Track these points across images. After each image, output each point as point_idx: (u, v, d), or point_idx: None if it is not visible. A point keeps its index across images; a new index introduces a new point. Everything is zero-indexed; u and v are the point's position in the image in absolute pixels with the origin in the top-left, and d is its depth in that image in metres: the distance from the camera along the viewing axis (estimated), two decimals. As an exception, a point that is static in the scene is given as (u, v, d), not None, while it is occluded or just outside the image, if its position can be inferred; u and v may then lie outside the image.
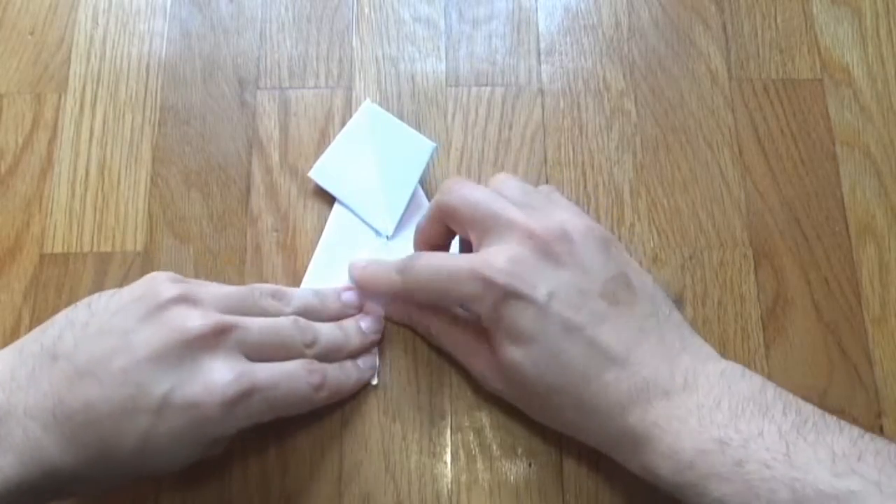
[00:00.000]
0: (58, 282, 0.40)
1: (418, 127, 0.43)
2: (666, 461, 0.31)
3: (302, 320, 0.36)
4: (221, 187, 0.42)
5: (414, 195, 0.41)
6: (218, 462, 0.37)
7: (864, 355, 0.40)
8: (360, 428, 0.38)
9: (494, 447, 0.38)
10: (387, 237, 0.40)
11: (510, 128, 0.43)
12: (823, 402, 0.38)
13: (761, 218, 0.42)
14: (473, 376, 0.38)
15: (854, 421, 0.34)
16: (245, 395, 0.31)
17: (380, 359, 0.39)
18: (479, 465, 0.37)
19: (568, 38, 0.45)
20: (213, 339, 0.32)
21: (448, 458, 0.37)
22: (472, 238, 0.35)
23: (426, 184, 0.42)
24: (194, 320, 0.31)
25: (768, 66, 0.45)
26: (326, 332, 0.37)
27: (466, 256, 0.35)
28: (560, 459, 0.37)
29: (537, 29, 0.46)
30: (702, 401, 0.31)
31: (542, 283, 0.33)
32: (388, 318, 0.39)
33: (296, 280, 0.40)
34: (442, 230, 0.37)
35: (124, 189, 0.42)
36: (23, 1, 0.45)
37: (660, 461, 0.31)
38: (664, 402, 0.32)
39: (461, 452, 0.38)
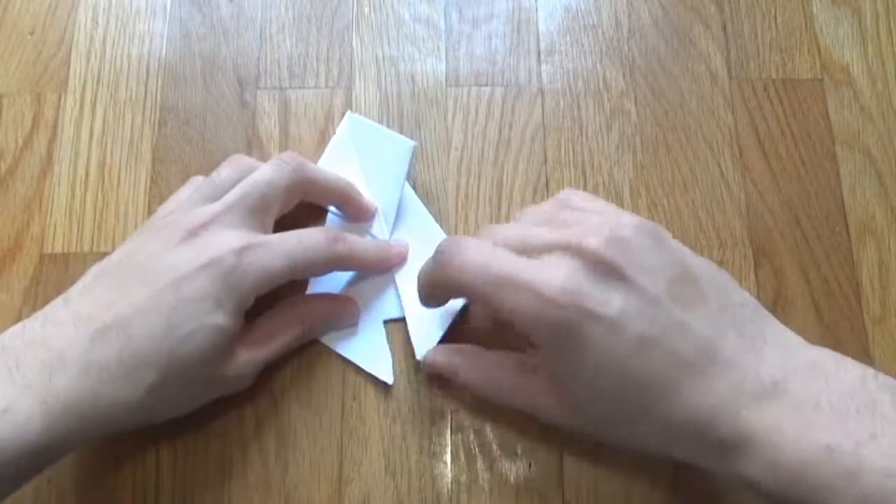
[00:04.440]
0: (58, 282, 0.40)
1: (418, 127, 0.43)
2: (767, 474, 0.28)
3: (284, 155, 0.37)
4: (221, 187, 0.42)
5: (403, 195, 0.41)
6: (218, 461, 0.37)
7: (864, 355, 0.40)
8: (360, 428, 0.38)
9: (494, 447, 0.38)
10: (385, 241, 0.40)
11: (510, 128, 0.43)
12: (823, 402, 0.38)
13: (761, 218, 0.42)
14: (535, 415, 0.35)
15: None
16: (255, 245, 0.33)
17: (380, 359, 0.39)
18: (479, 465, 0.37)
19: (568, 38, 0.45)
20: (208, 222, 0.34)
21: (448, 458, 0.37)
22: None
23: (425, 183, 0.42)
24: (184, 219, 0.34)
25: (768, 66, 0.45)
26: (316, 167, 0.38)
27: (520, 264, 0.31)
28: (560, 459, 0.37)
29: (537, 29, 0.46)
30: (798, 401, 0.28)
31: (609, 297, 0.30)
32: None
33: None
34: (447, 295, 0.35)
35: (124, 189, 0.42)
36: (23, 1, 0.45)
37: (759, 473, 0.28)
38: (755, 408, 0.29)
39: (461, 452, 0.38)
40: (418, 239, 0.40)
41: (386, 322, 0.39)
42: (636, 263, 0.30)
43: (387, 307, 0.39)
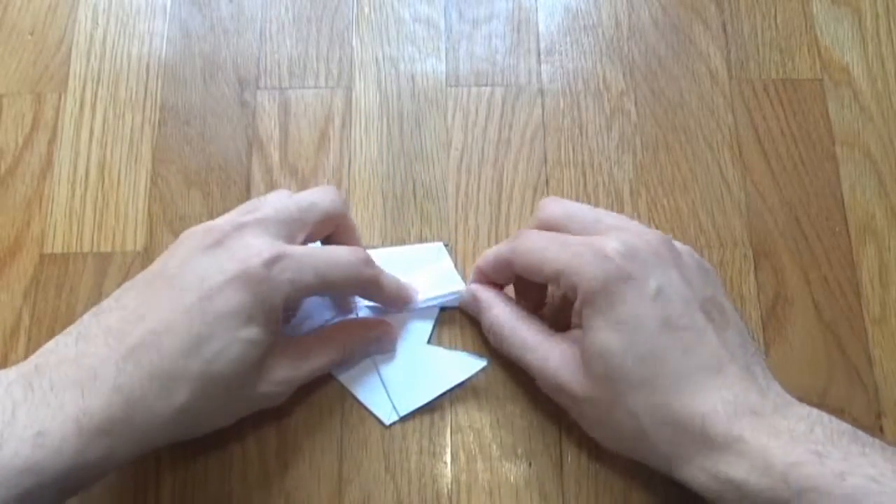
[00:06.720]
0: (58, 282, 0.40)
1: (418, 127, 0.43)
2: (753, 474, 0.29)
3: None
4: (221, 187, 0.42)
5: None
6: (218, 461, 0.37)
7: (864, 355, 0.40)
8: (360, 428, 0.38)
9: (494, 447, 0.38)
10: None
11: (510, 128, 0.43)
12: (823, 402, 0.38)
13: (761, 218, 0.42)
14: (534, 374, 0.36)
15: (854, 421, 0.34)
16: (284, 255, 0.32)
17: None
18: (479, 465, 0.37)
19: (568, 38, 0.45)
20: (239, 227, 0.33)
21: (448, 458, 0.37)
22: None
23: (425, 183, 0.42)
24: (216, 224, 0.34)
25: (768, 66, 0.45)
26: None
27: (579, 237, 0.34)
28: (560, 459, 0.37)
29: (537, 29, 0.46)
30: (794, 426, 0.30)
31: (654, 275, 0.32)
32: (461, 308, 0.39)
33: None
34: (507, 275, 0.37)
35: (124, 189, 0.42)
36: (23, 1, 0.45)
37: (745, 473, 0.29)
38: (752, 419, 0.30)
39: (461, 452, 0.38)
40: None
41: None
42: (682, 269, 0.33)
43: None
